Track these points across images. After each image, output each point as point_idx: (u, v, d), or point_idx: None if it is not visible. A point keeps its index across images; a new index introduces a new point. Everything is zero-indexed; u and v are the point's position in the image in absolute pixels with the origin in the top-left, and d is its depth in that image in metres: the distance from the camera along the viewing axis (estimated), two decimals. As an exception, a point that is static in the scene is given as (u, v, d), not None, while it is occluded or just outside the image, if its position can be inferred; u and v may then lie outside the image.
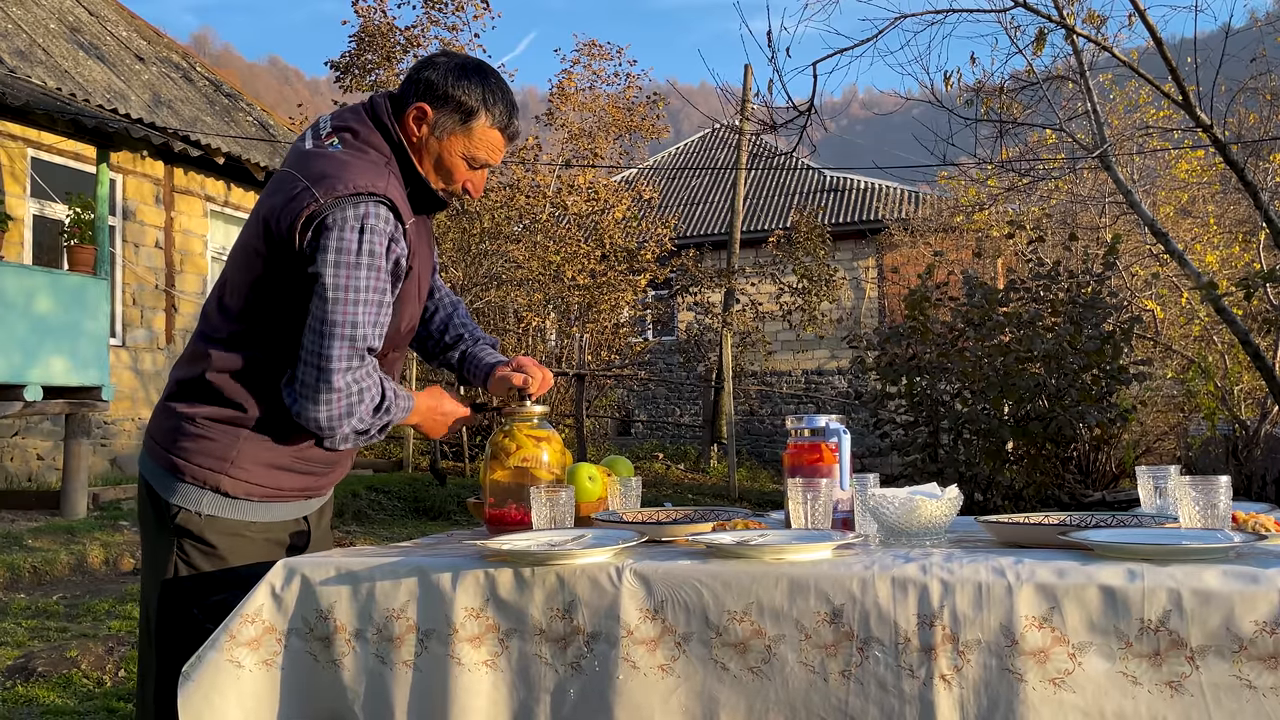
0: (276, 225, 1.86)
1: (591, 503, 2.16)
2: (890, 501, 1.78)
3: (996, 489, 9.39)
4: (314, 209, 1.82)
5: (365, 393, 1.88)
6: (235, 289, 1.95)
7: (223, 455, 1.92)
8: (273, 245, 1.87)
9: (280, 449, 1.95)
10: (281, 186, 1.89)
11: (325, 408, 1.85)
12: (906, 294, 10.37)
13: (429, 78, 1.94)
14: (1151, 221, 9.50)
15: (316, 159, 1.90)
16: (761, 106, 8.70)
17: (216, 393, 1.93)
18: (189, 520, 1.92)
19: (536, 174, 17.12)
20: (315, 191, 1.83)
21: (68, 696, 4.36)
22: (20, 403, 8.40)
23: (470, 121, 1.94)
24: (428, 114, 1.94)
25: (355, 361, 1.85)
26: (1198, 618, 1.38)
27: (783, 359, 20.61)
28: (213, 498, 1.92)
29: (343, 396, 1.85)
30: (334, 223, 1.81)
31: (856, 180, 22.06)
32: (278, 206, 1.87)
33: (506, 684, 1.64)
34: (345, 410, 1.87)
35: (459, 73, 1.95)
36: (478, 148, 1.97)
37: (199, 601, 1.90)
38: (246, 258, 1.93)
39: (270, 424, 1.93)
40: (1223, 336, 12.56)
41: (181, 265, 12.46)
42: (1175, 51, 7.89)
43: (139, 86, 13.43)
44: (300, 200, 1.83)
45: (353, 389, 1.86)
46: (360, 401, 1.88)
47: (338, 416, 1.87)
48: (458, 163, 1.98)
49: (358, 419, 1.89)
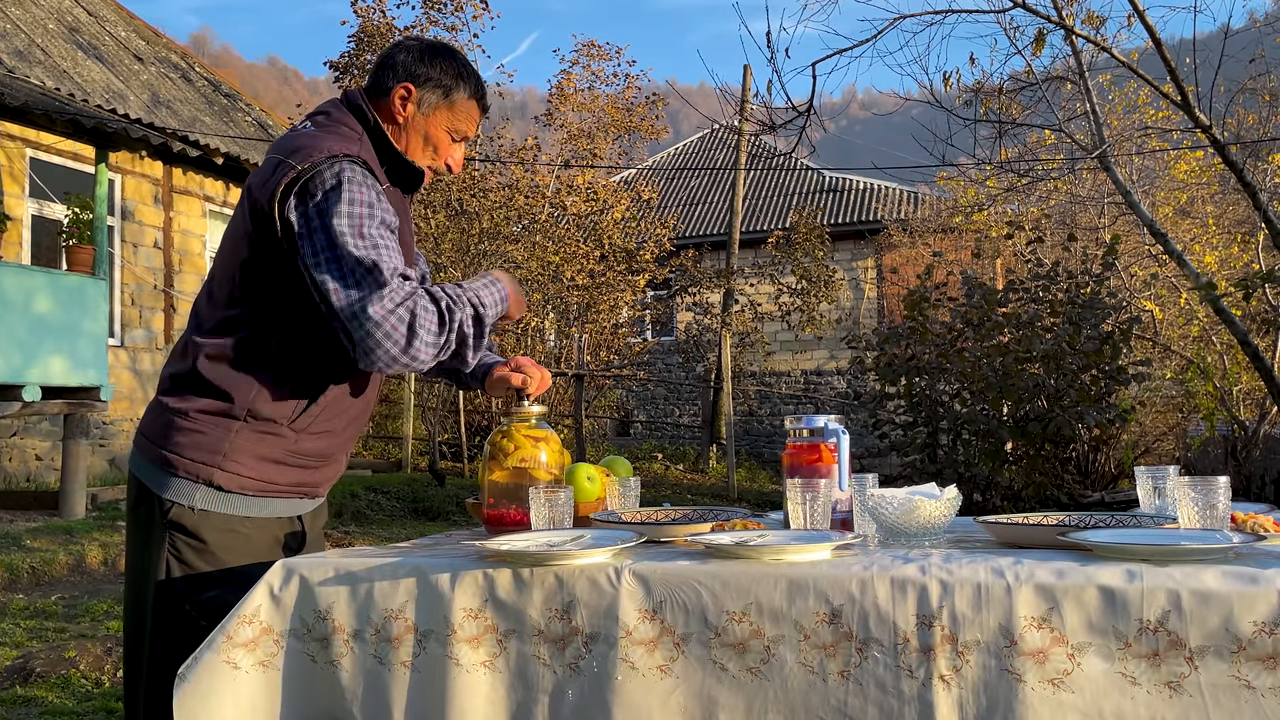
0: (260, 201, 1.89)
1: (590, 503, 2.16)
2: (889, 502, 1.78)
3: (995, 489, 9.39)
4: (292, 175, 1.86)
5: (416, 307, 1.81)
6: (224, 277, 1.97)
7: (215, 448, 1.92)
8: (259, 222, 1.90)
9: (273, 442, 1.95)
10: (263, 168, 1.95)
11: (386, 343, 1.79)
12: (905, 294, 10.37)
13: (404, 60, 2.06)
14: (1150, 222, 9.50)
15: (291, 138, 1.97)
16: (761, 107, 8.70)
17: (208, 385, 1.93)
18: (182, 515, 1.91)
19: (535, 174, 17.11)
20: (291, 161, 1.88)
21: (66, 697, 4.36)
22: (19, 403, 8.39)
23: (451, 95, 2.08)
24: (413, 93, 2.05)
25: (381, 287, 1.79)
26: (1197, 618, 1.38)
27: (781, 359, 20.61)
28: (206, 491, 1.92)
29: (393, 324, 1.79)
30: (316, 183, 1.86)
31: (855, 180, 22.06)
32: (258, 183, 1.92)
33: (505, 685, 1.63)
34: (406, 334, 1.79)
35: (431, 52, 2.08)
36: (459, 120, 2.10)
37: (192, 599, 1.90)
38: (234, 244, 1.96)
39: (262, 416, 1.93)
40: (1221, 337, 12.56)
41: (180, 265, 12.46)
42: (1174, 52, 7.89)
43: (138, 86, 13.42)
44: (280, 172, 1.88)
45: (397, 311, 1.79)
46: (414, 319, 1.80)
47: (404, 343, 1.79)
48: (443, 136, 2.09)
49: (429, 335, 1.82)
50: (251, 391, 1.92)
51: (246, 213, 1.93)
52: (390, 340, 1.80)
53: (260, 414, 1.92)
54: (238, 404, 1.92)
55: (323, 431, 2.01)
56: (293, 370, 1.94)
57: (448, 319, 1.85)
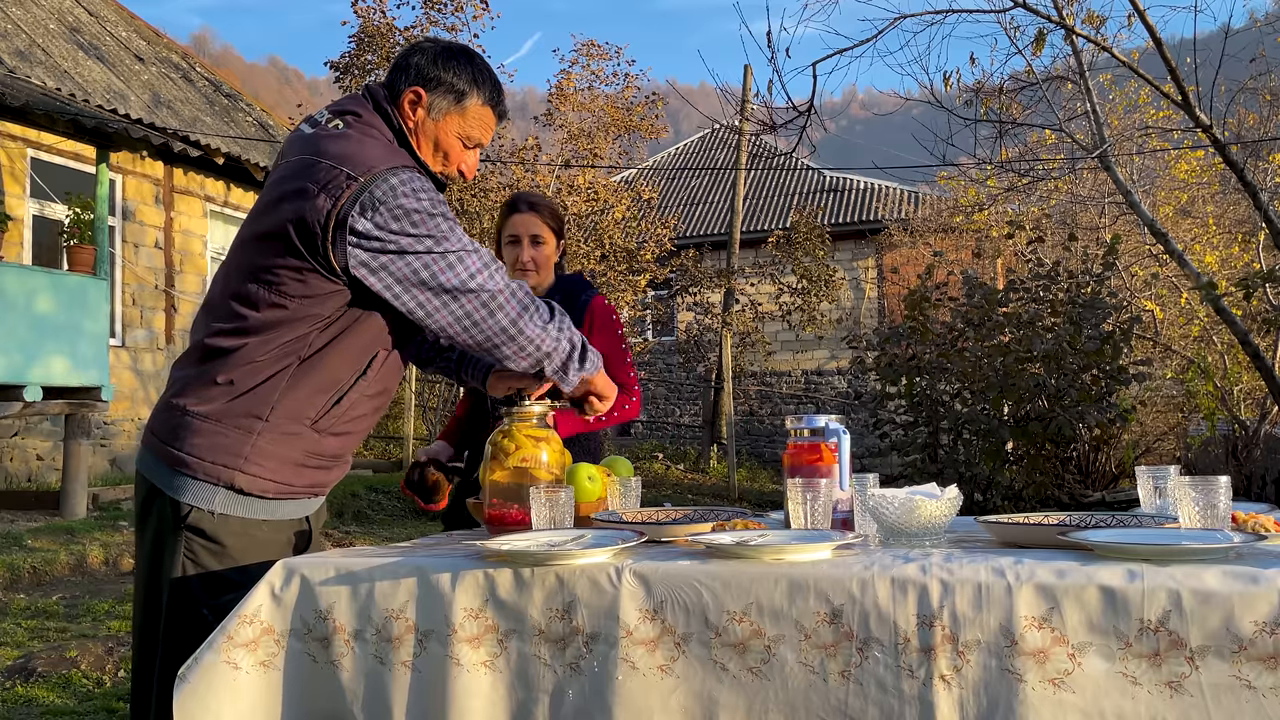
0: (310, 209, 1.83)
1: (591, 503, 2.16)
2: (890, 502, 1.78)
3: (996, 489, 9.39)
4: (354, 188, 1.83)
5: (527, 298, 1.95)
6: (244, 280, 1.90)
7: (237, 451, 1.89)
8: (307, 231, 1.83)
9: (295, 443, 1.93)
10: (302, 172, 1.87)
11: (538, 341, 1.96)
12: (906, 294, 10.37)
13: (418, 63, 2.00)
14: (1151, 222, 9.50)
15: (329, 140, 1.90)
16: (761, 107, 8.70)
17: (229, 387, 1.89)
18: (200, 519, 1.89)
19: (536, 174, 17.11)
20: (346, 169, 1.84)
21: (67, 696, 4.36)
22: (20, 403, 8.40)
23: (464, 101, 2.02)
24: (423, 97, 2.00)
25: (512, 288, 1.92)
26: (1197, 618, 1.38)
27: (782, 359, 20.60)
28: (226, 495, 1.89)
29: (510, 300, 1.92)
30: (384, 195, 1.83)
31: (856, 180, 22.05)
32: (298, 187, 1.85)
33: (505, 685, 1.63)
34: (520, 311, 1.92)
35: (446, 55, 2.02)
36: (472, 126, 2.04)
37: (209, 602, 1.87)
38: (259, 244, 1.89)
39: (285, 419, 1.90)
40: (1222, 337, 12.56)
41: (181, 265, 12.46)
42: (1175, 52, 7.89)
43: (138, 87, 13.43)
44: (337, 180, 1.83)
45: (516, 293, 1.93)
46: (525, 298, 1.95)
47: (555, 331, 1.98)
48: (454, 143, 2.04)
49: (535, 323, 1.95)
50: (276, 393, 1.89)
51: (288, 219, 1.85)
52: (542, 336, 1.95)
53: (285, 415, 1.90)
54: (262, 406, 1.89)
55: (343, 432, 1.99)
56: (319, 371, 1.91)
57: (556, 314, 2.00)
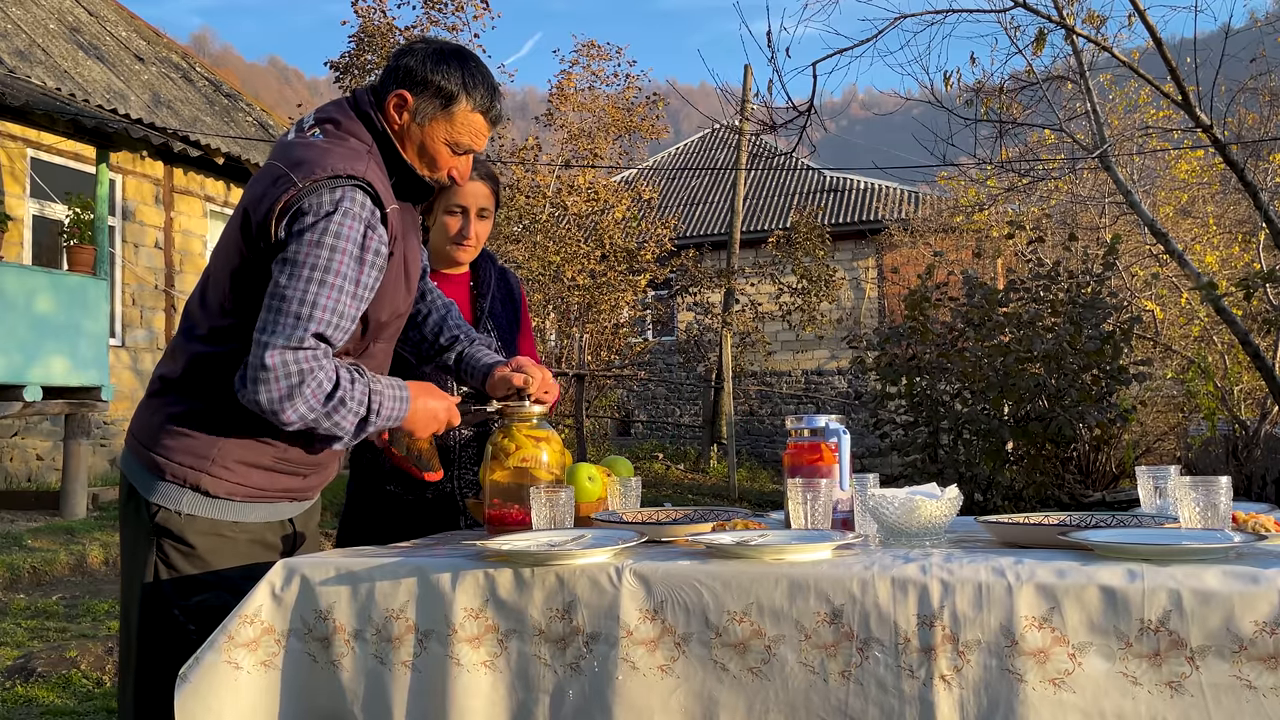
0: (254, 213, 1.84)
1: (591, 503, 2.16)
2: (890, 502, 1.78)
3: (996, 489, 9.39)
4: (291, 195, 1.80)
5: (308, 376, 1.77)
6: (216, 284, 1.92)
7: (203, 454, 1.89)
8: (249, 235, 1.85)
9: (261, 448, 1.92)
10: (262, 177, 1.88)
11: (263, 388, 1.76)
12: (906, 294, 10.36)
13: (408, 64, 1.94)
14: (1151, 222, 9.50)
15: (297, 148, 1.89)
16: (761, 107, 8.70)
17: (197, 389, 1.90)
18: (169, 519, 1.89)
19: (536, 174, 17.11)
20: (293, 176, 1.81)
21: (67, 696, 4.36)
22: (20, 403, 8.40)
23: (451, 106, 1.94)
24: (408, 100, 1.93)
25: (295, 342, 1.76)
26: (1198, 618, 1.38)
27: (782, 359, 20.60)
28: (193, 496, 1.90)
29: (278, 377, 1.75)
30: (309, 207, 1.79)
31: (856, 180, 22.05)
32: (256, 195, 1.85)
33: (505, 684, 1.63)
34: (285, 393, 1.76)
35: (438, 58, 1.94)
36: (460, 132, 1.96)
37: (180, 603, 1.88)
38: (227, 251, 1.91)
39: (250, 423, 1.87)
40: (1222, 337, 12.56)
41: (181, 265, 12.46)
42: (1175, 51, 7.89)
43: (138, 87, 13.43)
44: (278, 187, 1.82)
45: (290, 369, 1.76)
46: (302, 384, 1.77)
47: (278, 399, 1.76)
48: (441, 149, 1.97)
49: (304, 405, 1.78)
50: None
51: (240, 222, 1.88)
52: (267, 389, 1.77)
53: (249, 421, 1.87)
54: (225, 410, 1.88)
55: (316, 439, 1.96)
56: None
57: (330, 405, 1.82)
